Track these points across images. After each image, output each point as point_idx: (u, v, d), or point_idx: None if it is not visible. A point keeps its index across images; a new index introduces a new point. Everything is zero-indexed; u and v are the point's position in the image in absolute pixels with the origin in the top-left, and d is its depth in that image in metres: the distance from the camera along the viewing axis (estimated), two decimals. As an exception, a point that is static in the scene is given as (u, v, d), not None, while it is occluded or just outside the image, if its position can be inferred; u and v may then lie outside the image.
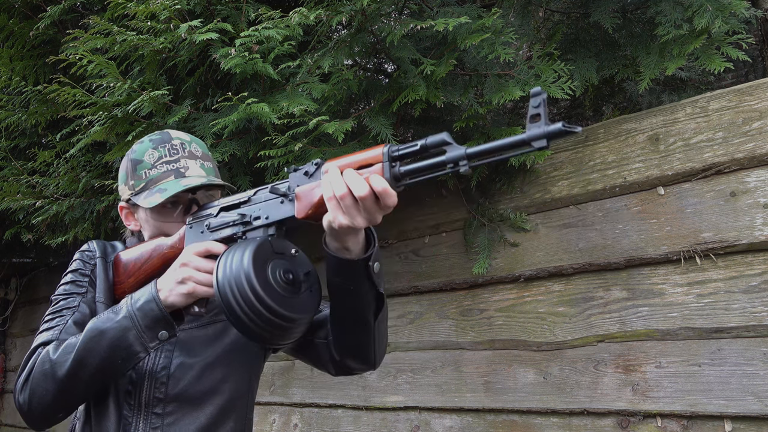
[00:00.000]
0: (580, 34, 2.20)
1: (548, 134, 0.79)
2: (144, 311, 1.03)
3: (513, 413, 2.07)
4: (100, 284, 1.21)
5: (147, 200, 1.16)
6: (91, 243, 1.27)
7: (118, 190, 1.28)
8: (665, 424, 1.76)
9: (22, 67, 2.57)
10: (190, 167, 1.20)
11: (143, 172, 1.20)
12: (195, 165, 1.21)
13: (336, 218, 0.92)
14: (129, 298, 1.07)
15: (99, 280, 1.21)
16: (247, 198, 1.10)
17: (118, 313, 1.05)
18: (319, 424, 2.63)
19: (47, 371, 1.04)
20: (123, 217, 1.28)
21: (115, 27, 1.89)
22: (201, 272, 1.04)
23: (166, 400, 1.15)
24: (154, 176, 1.19)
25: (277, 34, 1.76)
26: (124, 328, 1.03)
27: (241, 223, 1.09)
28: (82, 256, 1.24)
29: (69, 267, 1.24)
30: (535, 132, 0.80)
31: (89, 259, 1.24)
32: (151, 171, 1.19)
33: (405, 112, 2.23)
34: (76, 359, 1.03)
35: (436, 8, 2.04)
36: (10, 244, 3.83)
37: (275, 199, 1.05)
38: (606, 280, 1.93)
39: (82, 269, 1.22)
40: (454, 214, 2.32)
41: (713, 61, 1.80)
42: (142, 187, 1.19)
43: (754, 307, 1.66)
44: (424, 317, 2.36)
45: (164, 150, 1.21)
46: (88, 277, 1.21)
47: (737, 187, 1.72)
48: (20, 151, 2.95)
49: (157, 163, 1.19)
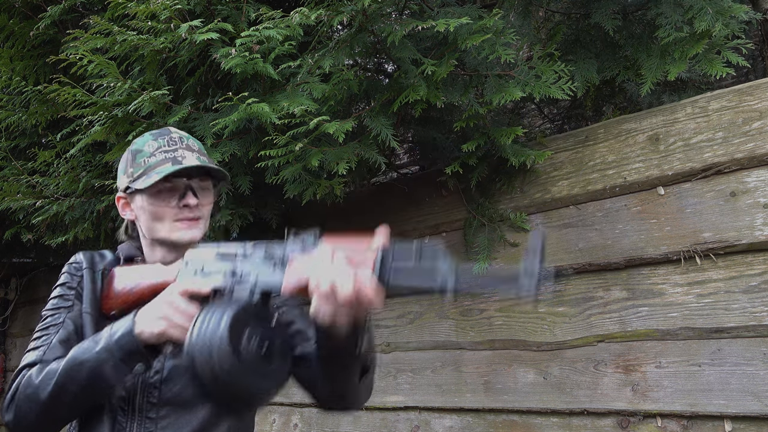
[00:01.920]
0: (580, 35, 2.20)
1: (536, 296, 0.83)
2: (120, 344, 1.05)
3: (513, 413, 2.07)
4: (87, 295, 1.23)
5: (144, 182, 1.18)
6: (78, 255, 1.28)
7: (117, 182, 1.29)
8: (665, 424, 1.76)
9: (22, 67, 2.57)
10: (186, 157, 1.22)
11: (142, 159, 1.22)
12: (191, 156, 1.23)
13: (319, 311, 0.92)
14: (109, 328, 1.09)
15: (86, 291, 1.23)
16: (243, 252, 1.09)
17: (98, 343, 1.07)
18: (319, 424, 2.63)
19: (30, 394, 1.08)
20: (120, 207, 1.29)
21: (116, 27, 1.89)
22: (178, 314, 1.04)
23: (159, 405, 1.16)
24: (152, 163, 1.20)
25: (277, 34, 1.76)
26: (101, 360, 1.05)
27: (231, 276, 1.08)
28: (69, 268, 1.26)
29: (58, 280, 1.26)
30: (525, 285, 0.83)
31: (76, 271, 1.26)
32: (149, 159, 1.21)
33: (405, 112, 2.23)
34: (57, 385, 1.06)
35: (437, 9, 2.04)
36: (10, 244, 3.83)
37: (269, 261, 1.04)
38: (606, 280, 1.93)
39: (69, 282, 1.24)
40: (454, 214, 2.32)
41: (714, 66, 1.80)
42: (141, 173, 1.21)
43: (754, 307, 1.66)
44: (424, 317, 2.36)
45: (163, 141, 1.24)
46: (74, 290, 1.23)
47: (737, 187, 1.73)
48: (20, 151, 2.94)
49: (156, 152, 1.22)
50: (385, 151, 2.20)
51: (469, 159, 2.06)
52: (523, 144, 2.13)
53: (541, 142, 2.13)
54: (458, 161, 2.07)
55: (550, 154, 2.07)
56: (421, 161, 3.32)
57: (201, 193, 1.23)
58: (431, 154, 2.79)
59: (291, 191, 2.04)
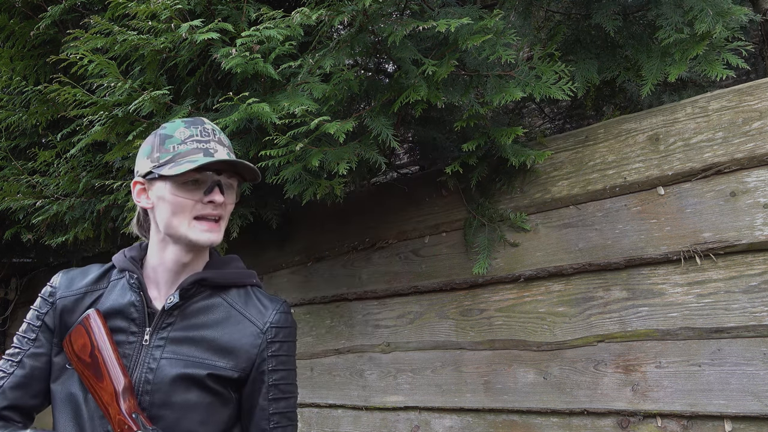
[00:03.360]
0: (580, 35, 2.21)
1: None
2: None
3: (513, 413, 2.08)
4: (55, 328, 1.18)
5: (172, 169, 1.11)
6: (57, 276, 1.23)
7: (136, 165, 1.21)
8: (665, 424, 1.77)
9: (22, 66, 2.57)
10: (218, 150, 1.16)
11: (172, 146, 1.15)
12: (223, 151, 1.17)
13: None
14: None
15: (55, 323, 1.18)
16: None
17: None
18: (319, 424, 2.63)
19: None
20: (135, 193, 1.20)
21: (116, 27, 1.89)
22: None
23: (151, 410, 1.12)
24: (183, 151, 1.14)
25: (278, 34, 1.76)
26: None
27: None
28: (43, 293, 1.21)
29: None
30: None
31: (49, 296, 1.20)
32: (180, 146, 1.14)
33: (406, 113, 2.23)
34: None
35: (438, 9, 2.04)
36: (10, 244, 3.83)
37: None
38: (606, 280, 1.93)
39: (38, 310, 1.20)
40: (454, 214, 2.32)
41: (714, 67, 1.80)
42: (168, 160, 1.14)
43: (754, 307, 1.66)
44: (424, 317, 2.36)
45: (196, 130, 1.17)
46: (41, 321, 1.19)
47: (737, 187, 1.73)
48: (20, 151, 2.95)
49: (188, 140, 1.15)
50: (385, 151, 2.20)
51: (469, 159, 2.07)
52: (524, 144, 2.13)
53: (541, 142, 2.13)
54: (458, 161, 2.07)
55: (550, 154, 2.08)
56: (421, 161, 3.33)
57: (227, 191, 1.18)
58: (431, 154, 2.79)
59: (291, 191, 2.04)
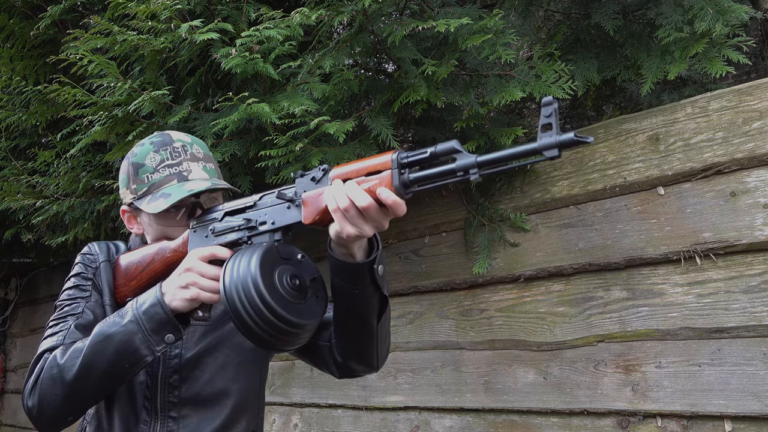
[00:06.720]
0: (580, 35, 2.20)
1: (560, 144, 0.79)
2: (149, 315, 1.03)
3: (513, 413, 2.07)
4: (105, 287, 1.20)
5: (151, 205, 1.15)
6: (93, 245, 1.25)
7: (120, 193, 1.26)
8: (665, 424, 1.77)
9: (22, 66, 2.57)
10: (192, 170, 1.19)
11: (145, 176, 1.18)
12: (197, 168, 1.20)
13: (344, 229, 0.92)
14: (135, 301, 1.07)
15: (105, 283, 1.21)
16: (253, 203, 1.10)
17: (124, 317, 1.05)
18: (319, 424, 2.63)
19: (55, 376, 1.04)
20: (125, 220, 1.27)
21: (116, 27, 1.89)
22: (205, 278, 1.04)
23: (180, 404, 1.16)
24: (157, 180, 1.17)
25: (277, 34, 1.76)
26: (130, 332, 1.03)
27: (246, 228, 1.08)
28: (84, 259, 1.24)
29: (71, 271, 1.23)
30: (547, 141, 0.80)
31: (90, 262, 1.23)
32: (153, 175, 1.18)
33: (406, 113, 2.23)
34: (84, 363, 1.03)
35: (437, 9, 2.04)
36: (10, 244, 3.83)
37: (281, 204, 1.05)
38: (606, 280, 1.93)
39: (84, 273, 1.22)
40: (454, 214, 2.32)
41: (714, 65, 1.80)
42: (145, 191, 1.18)
43: (754, 307, 1.66)
44: (424, 317, 2.36)
45: (166, 153, 1.19)
46: (90, 281, 1.21)
47: (737, 187, 1.73)
48: (20, 151, 2.95)
49: (160, 167, 1.18)
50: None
51: (469, 159, 2.06)
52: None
53: (542, 142, 2.13)
54: (458, 161, 2.07)
55: (551, 154, 2.07)
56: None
57: (209, 204, 1.22)
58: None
59: (291, 191, 2.04)
